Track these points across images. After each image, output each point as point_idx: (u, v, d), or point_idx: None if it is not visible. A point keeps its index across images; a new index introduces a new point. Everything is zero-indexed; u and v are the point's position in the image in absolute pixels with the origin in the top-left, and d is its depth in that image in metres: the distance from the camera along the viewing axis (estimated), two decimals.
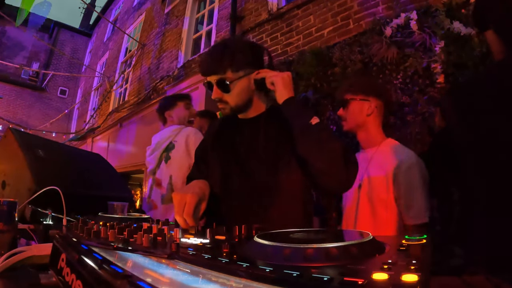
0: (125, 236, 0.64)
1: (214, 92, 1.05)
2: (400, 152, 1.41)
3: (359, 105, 1.46)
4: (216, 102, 1.07)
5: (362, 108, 1.46)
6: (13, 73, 11.17)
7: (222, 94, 1.04)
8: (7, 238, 0.93)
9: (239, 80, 1.03)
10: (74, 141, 8.87)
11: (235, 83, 1.03)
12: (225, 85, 1.02)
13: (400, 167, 1.35)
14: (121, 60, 8.52)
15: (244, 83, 1.04)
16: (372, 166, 1.44)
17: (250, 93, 1.07)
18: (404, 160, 1.36)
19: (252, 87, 1.06)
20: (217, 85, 1.03)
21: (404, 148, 1.45)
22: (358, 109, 1.46)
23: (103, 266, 0.44)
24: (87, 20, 14.40)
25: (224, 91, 1.03)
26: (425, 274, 0.32)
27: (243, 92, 1.05)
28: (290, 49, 3.62)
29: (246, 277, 0.37)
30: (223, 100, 1.05)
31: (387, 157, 1.41)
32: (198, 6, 6.07)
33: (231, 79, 1.02)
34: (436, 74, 2.18)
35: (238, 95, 1.04)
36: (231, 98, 1.04)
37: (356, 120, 1.47)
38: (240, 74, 1.03)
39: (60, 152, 1.72)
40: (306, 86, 2.95)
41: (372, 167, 1.44)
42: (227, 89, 1.03)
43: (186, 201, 0.83)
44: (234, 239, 0.63)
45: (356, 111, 1.47)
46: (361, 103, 1.46)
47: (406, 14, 2.42)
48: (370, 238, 0.48)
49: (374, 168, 1.43)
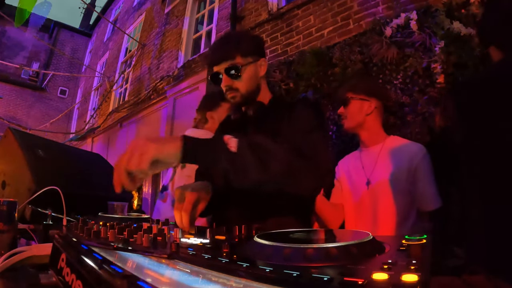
0: (125, 236, 0.64)
1: (224, 80, 1.04)
2: (410, 145, 1.48)
3: (359, 104, 1.51)
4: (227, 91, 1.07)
5: (362, 108, 1.51)
6: (13, 73, 11.18)
7: (232, 82, 1.04)
8: (7, 238, 0.93)
9: (248, 65, 1.05)
10: (74, 141, 8.87)
11: (245, 68, 1.04)
12: (236, 70, 1.03)
13: (416, 157, 1.41)
14: (121, 60, 8.52)
15: (252, 69, 1.06)
16: (381, 162, 1.48)
17: (259, 80, 1.09)
18: (418, 151, 1.44)
19: (259, 74, 1.08)
20: (227, 72, 1.04)
21: (411, 142, 1.52)
22: (358, 108, 1.51)
23: (103, 266, 0.44)
24: (87, 20, 14.40)
25: (234, 78, 1.04)
26: (425, 274, 0.32)
27: (253, 78, 1.07)
28: (290, 49, 3.62)
29: (246, 277, 0.37)
30: (234, 87, 1.05)
31: (398, 151, 1.46)
32: (198, 6, 6.07)
33: (241, 64, 1.03)
34: (436, 74, 2.17)
35: (248, 80, 1.05)
36: (241, 84, 1.05)
37: (356, 119, 1.51)
38: (249, 59, 1.05)
39: (60, 152, 1.72)
40: (306, 86, 2.94)
41: (381, 162, 1.48)
42: (238, 74, 1.03)
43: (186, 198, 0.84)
44: (234, 239, 0.63)
45: (356, 110, 1.51)
46: (361, 102, 1.51)
47: (406, 14, 2.42)
48: (370, 238, 0.48)
49: (385, 163, 1.47)
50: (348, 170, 1.61)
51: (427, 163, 1.42)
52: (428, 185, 1.41)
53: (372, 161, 1.49)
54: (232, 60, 1.03)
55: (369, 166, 1.50)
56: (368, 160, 1.52)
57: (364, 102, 1.50)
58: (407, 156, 1.43)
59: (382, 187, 1.44)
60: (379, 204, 1.44)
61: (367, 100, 1.50)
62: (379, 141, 1.52)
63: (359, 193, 1.51)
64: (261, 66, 1.09)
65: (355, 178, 1.55)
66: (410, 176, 1.40)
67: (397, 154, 1.45)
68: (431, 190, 1.41)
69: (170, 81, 5.54)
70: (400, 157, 1.44)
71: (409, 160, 1.42)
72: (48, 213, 1.15)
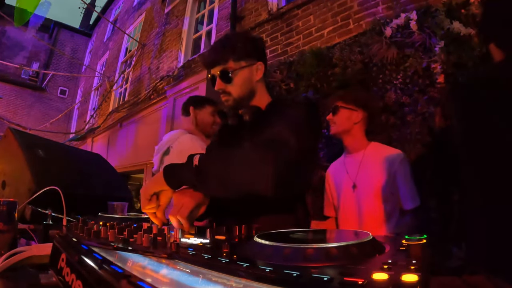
0: (125, 236, 0.64)
1: (217, 84, 1.05)
2: (389, 150, 1.61)
3: (349, 113, 1.62)
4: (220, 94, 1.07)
5: (350, 116, 1.63)
6: (13, 73, 11.18)
7: (225, 85, 1.04)
8: (7, 238, 0.93)
9: (241, 70, 1.04)
10: (74, 141, 8.87)
11: (237, 72, 1.03)
12: (227, 75, 1.03)
13: (395, 162, 1.54)
14: (121, 60, 8.52)
15: (246, 74, 1.05)
16: (364, 167, 1.59)
17: (253, 84, 1.08)
18: (396, 156, 1.57)
19: (254, 78, 1.07)
20: (220, 76, 1.04)
21: (390, 147, 1.64)
22: (347, 116, 1.62)
23: (103, 266, 0.44)
24: (87, 20, 14.40)
25: (226, 82, 1.04)
26: (425, 274, 0.32)
27: (246, 82, 1.06)
28: (290, 49, 3.62)
29: (246, 277, 0.37)
30: (226, 91, 1.05)
31: (379, 156, 1.58)
32: (198, 6, 6.07)
33: (233, 69, 1.03)
34: (436, 74, 2.18)
35: (240, 85, 1.05)
36: (234, 89, 1.05)
37: (343, 126, 1.63)
38: (242, 64, 1.04)
39: (60, 152, 1.72)
40: (306, 86, 2.95)
41: (364, 167, 1.59)
42: (229, 79, 1.03)
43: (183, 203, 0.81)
44: (234, 239, 0.63)
45: (344, 118, 1.62)
46: (350, 112, 1.62)
47: (406, 14, 2.42)
48: (370, 238, 0.48)
49: (367, 168, 1.58)
50: (334, 175, 1.73)
51: (405, 167, 1.55)
52: (407, 186, 1.53)
53: (356, 166, 1.61)
54: (224, 64, 1.03)
55: (353, 171, 1.62)
56: (351, 165, 1.64)
57: (353, 112, 1.62)
58: (387, 161, 1.55)
59: (366, 190, 1.55)
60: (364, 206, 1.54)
61: (355, 110, 1.62)
62: (361, 148, 1.64)
63: (346, 196, 1.62)
64: (257, 70, 1.08)
65: (341, 182, 1.66)
66: (390, 179, 1.52)
67: (378, 160, 1.57)
68: (410, 191, 1.53)
69: (170, 81, 5.54)
70: (380, 162, 1.56)
71: (389, 165, 1.54)
72: (48, 213, 1.15)
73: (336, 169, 1.73)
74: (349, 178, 1.61)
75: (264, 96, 1.12)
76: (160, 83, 5.92)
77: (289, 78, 3.15)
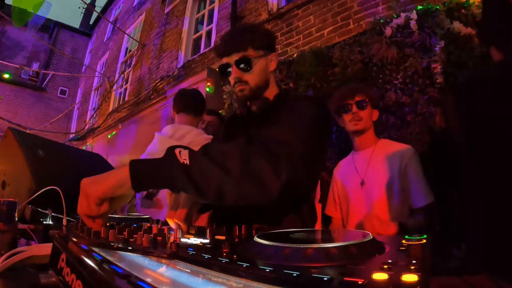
0: (125, 236, 0.64)
1: (234, 72, 1.02)
2: (399, 146, 1.59)
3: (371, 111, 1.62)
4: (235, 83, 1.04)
5: (372, 114, 1.62)
6: (13, 73, 11.17)
7: (242, 74, 1.02)
8: (7, 238, 0.93)
9: (259, 58, 1.03)
10: (74, 141, 8.86)
11: (256, 61, 1.02)
12: (248, 62, 1.01)
13: (405, 157, 1.51)
14: (121, 60, 8.52)
15: (263, 63, 1.05)
16: (373, 163, 1.56)
17: (268, 74, 1.08)
18: (406, 150, 1.54)
19: (269, 68, 1.07)
20: (237, 63, 1.02)
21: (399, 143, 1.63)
22: (369, 114, 1.61)
23: (103, 266, 0.44)
24: (87, 20, 14.39)
25: (245, 70, 1.02)
26: (425, 274, 0.32)
27: (263, 72, 1.05)
28: (290, 49, 3.62)
29: (246, 277, 0.37)
30: (243, 80, 1.03)
31: (388, 151, 1.55)
32: (198, 6, 6.07)
33: (253, 56, 1.02)
34: (436, 74, 2.18)
35: (258, 74, 1.04)
36: (252, 77, 1.03)
37: (367, 123, 1.61)
38: (261, 53, 1.03)
39: (60, 152, 1.72)
40: (306, 86, 2.95)
41: (373, 163, 1.56)
42: (249, 66, 1.01)
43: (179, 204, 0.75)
44: (234, 239, 0.63)
45: (368, 115, 1.60)
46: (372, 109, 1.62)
47: (406, 14, 2.42)
48: (370, 238, 0.48)
49: (376, 164, 1.55)
50: (342, 174, 1.70)
51: (416, 162, 1.51)
52: (418, 182, 1.48)
53: (365, 163, 1.59)
54: (244, 51, 1.01)
55: (362, 168, 1.59)
56: (360, 162, 1.62)
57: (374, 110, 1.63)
58: (397, 156, 1.52)
59: (375, 187, 1.52)
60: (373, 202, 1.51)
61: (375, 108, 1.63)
62: (371, 145, 1.62)
63: (354, 193, 1.59)
64: (271, 61, 1.08)
65: (350, 180, 1.63)
66: (401, 175, 1.49)
67: (387, 155, 1.54)
68: (421, 187, 1.48)
69: (170, 81, 5.54)
70: (390, 158, 1.53)
71: (399, 160, 1.51)
72: (48, 213, 1.15)
73: (344, 168, 1.71)
74: (357, 175, 1.59)
75: (273, 88, 1.11)
76: (160, 83, 5.92)
77: (288, 78, 3.15)
